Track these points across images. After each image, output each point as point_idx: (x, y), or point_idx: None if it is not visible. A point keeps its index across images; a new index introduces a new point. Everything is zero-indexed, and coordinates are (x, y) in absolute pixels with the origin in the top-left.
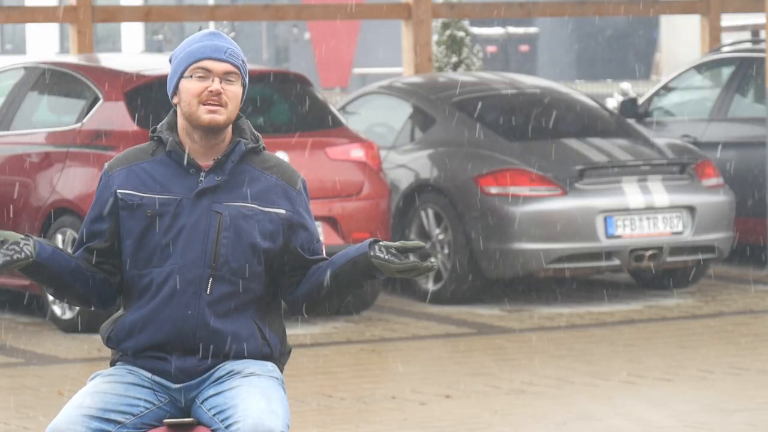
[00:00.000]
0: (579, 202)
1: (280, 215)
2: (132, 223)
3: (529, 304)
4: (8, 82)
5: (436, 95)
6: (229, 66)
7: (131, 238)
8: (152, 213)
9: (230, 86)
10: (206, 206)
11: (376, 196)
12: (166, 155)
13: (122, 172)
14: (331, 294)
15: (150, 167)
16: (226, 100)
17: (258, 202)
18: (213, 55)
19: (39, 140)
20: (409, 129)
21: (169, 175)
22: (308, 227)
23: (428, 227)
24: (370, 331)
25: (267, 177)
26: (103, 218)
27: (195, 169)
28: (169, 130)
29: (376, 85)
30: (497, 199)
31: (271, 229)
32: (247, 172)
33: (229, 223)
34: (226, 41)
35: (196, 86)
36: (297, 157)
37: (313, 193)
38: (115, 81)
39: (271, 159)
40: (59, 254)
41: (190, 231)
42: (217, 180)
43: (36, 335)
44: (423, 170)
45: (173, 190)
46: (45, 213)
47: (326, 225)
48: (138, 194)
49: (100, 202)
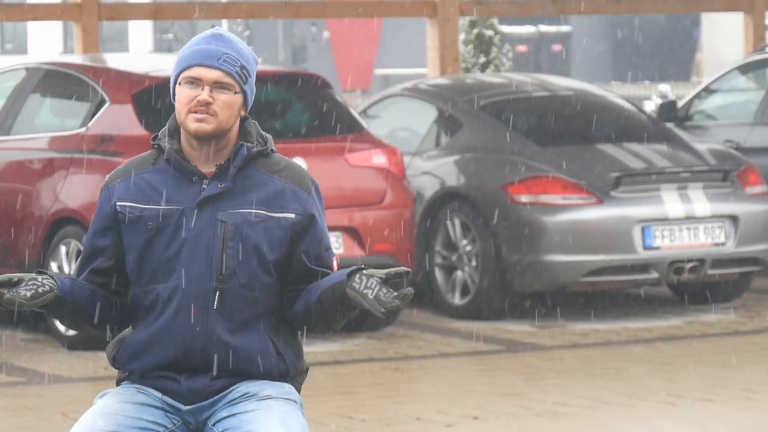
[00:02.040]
0: (615, 211)
1: (289, 220)
2: (133, 237)
3: (562, 319)
4: (9, 84)
5: (463, 98)
6: (221, 74)
7: (133, 253)
8: (154, 225)
9: (222, 95)
10: (210, 215)
11: (399, 205)
12: (167, 164)
13: (122, 184)
14: (320, 318)
15: (151, 177)
16: (216, 110)
17: (265, 208)
18: (204, 62)
19: (41, 146)
20: (434, 134)
21: (171, 184)
22: (317, 232)
23: (455, 238)
24: (393, 348)
25: (275, 181)
26: (105, 234)
27: (197, 176)
28: (169, 136)
29: (400, 87)
30: (528, 208)
31: (280, 236)
32: (253, 176)
33: (234, 231)
34: (226, 44)
35: (186, 94)
36: (315, 164)
37: (332, 202)
38: (122, 83)
39: (281, 162)
40: (77, 285)
41: (193, 243)
42: (220, 187)
43: (38, 352)
44: (449, 177)
45: (175, 201)
46: (48, 223)
47: (346, 236)
48: (138, 206)
49: (101, 216)
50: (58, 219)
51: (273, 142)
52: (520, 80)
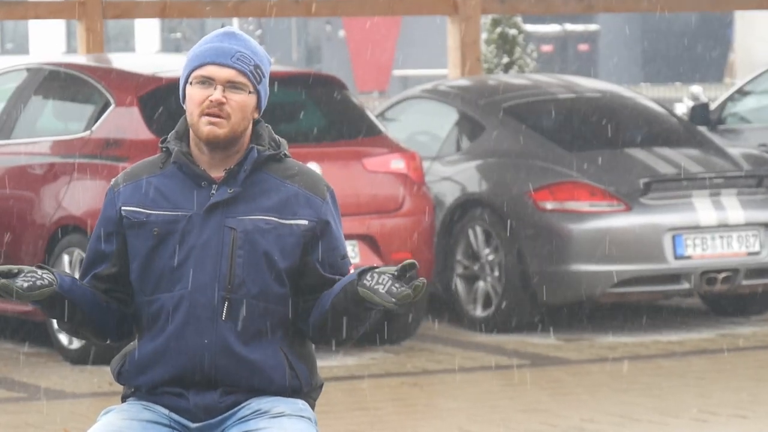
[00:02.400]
0: (644, 218)
1: (301, 227)
2: (138, 243)
3: (589, 332)
4: (9, 85)
5: (486, 100)
6: (234, 73)
7: (138, 260)
8: (159, 231)
9: (235, 95)
10: (218, 222)
11: (419, 212)
12: (176, 168)
13: (128, 188)
14: (334, 326)
15: (158, 181)
16: (229, 111)
17: (277, 214)
18: (216, 60)
19: (43, 150)
20: (455, 137)
21: (179, 189)
22: (332, 239)
23: (476, 247)
24: (412, 363)
25: (288, 186)
26: (109, 239)
27: (206, 181)
28: (177, 139)
29: (419, 88)
30: (553, 216)
31: (292, 244)
32: (264, 181)
33: (243, 239)
34: (239, 42)
35: (198, 94)
36: (330, 169)
37: (348, 209)
38: (127, 84)
39: (294, 167)
40: (77, 285)
41: (201, 250)
42: (229, 192)
43: (40, 367)
44: (470, 183)
45: (183, 206)
46: (50, 231)
47: (363, 244)
48: (144, 211)
49: (105, 220)
50: (60, 227)
51: (287, 147)
52: (545, 81)
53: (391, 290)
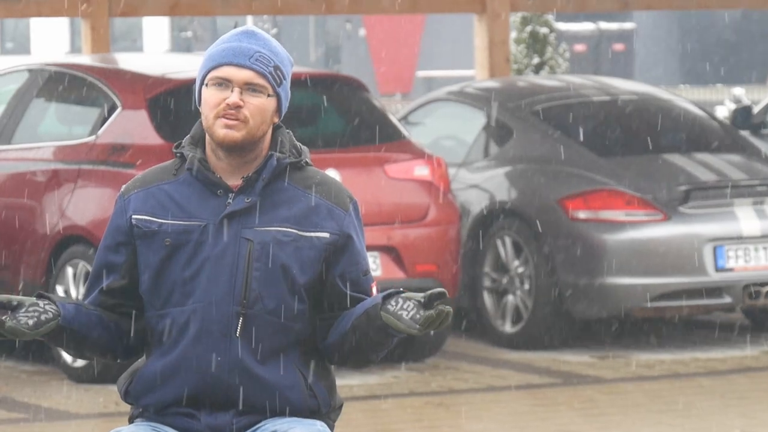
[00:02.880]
0: (684, 228)
1: (322, 239)
2: (149, 254)
3: (625, 349)
4: (9, 87)
5: (515, 103)
6: (252, 74)
7: (148, 272)
8: (171, 242)
9: (253, 98)
10: (234, 233)
11: (444, 222)
12: (190, 174)
13: (139, 195)
14: (354, 348)
15: (171, 189)
16: (247, 115)
17: (297, 226)
18: (234, 61)
19: (45, 156)
20: (482, 142)
21: (193, 197)
22: (354, 254)
23: (505, 258)
24: (437, 381)
25: (309, 196)
26: (118, 249)
27: (222, 189)
28: (192, 144)
29: (444, 90)
30: (587, 226)
31: (312, 257)
32: (284, 191)
33: (260, 251)
34: (258, 42)
35: (214, 97)
36: (350, 176)
37: (369, 219)
38: (135, 86)
39: (316, 176)
40: (81, 310)
41: (215, 262)
42: (246, 202)
43: (42, 386)
44: (499, 191)
45: (197, 215)
46: (53, 242)
47: (385, 256)
48: (155, 220)
49: (114, 229)
50: (64, 238)
51: (309, 154)
52: (578, 83)
53: (416, 317)
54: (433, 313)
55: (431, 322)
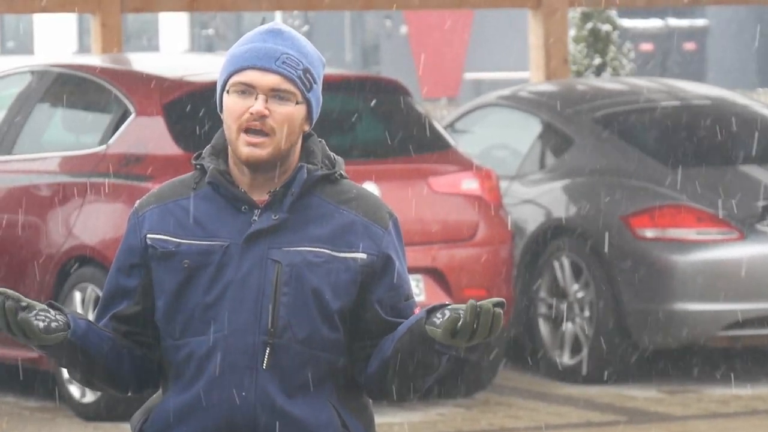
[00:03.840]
0: (762, 248)
1: (358, 261)
2: (165, 277)
3: (697, 383)
4: (10, 91)
5: (574, 108)
6: (279, 79)
7: (164, 298)
8: (190, 264)
9: (280, 106)
10: (260, 254)
11: (495, 242)
12: (212, 189)
13: (155, 212)
14: (398, 375)
15: (191, 205)
16: (273, 126)
17: (330, 246)
18: (258, 64)
19: (50, 168)
20: (537, 153)
21: (215, 214)
22: (394, 276)
23: (563, 282)
24: (487, 419)
25: (344, 213)
26: (131, 272)
27: (247, 205)
28: (213, 155)
29: (495, 95)
30: (654, 245)
31: (347, 281)
32: (316, 207)
33: (289, 274)
34: (285, 42)
35: (236, 106)
36: (390, 190)
37: (412, 238)
38: (150, 90)
39: (352, 190)
40: (93, 329)
41: (239, 286)
42: (274, 219)
43: (47, 424)
44: (556, 207)
45: (219, 234)
46: (59, 264)
47: (429, 279)
48: (172, 239)
49: (127, 250)
50: (71, 259)
51: (343, 166)
52: (645, 87)
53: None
54: (469, 316)
55: (473, 330)
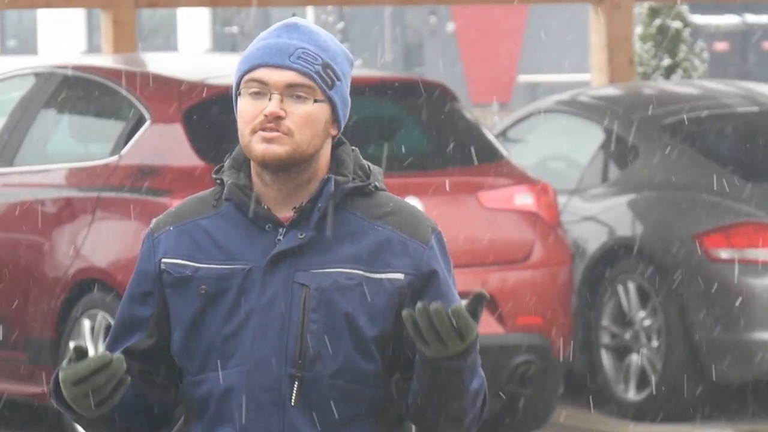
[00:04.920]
0: None
1: (396, 282)
2: (181, 305)
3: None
4: (12, 95)
5: (641, 115)
6: (293, 75)
7: (181, 328)
8: (207, 290)
9: (298, 105)
10: (285, 277)
11: (552, 263)
12: (232, 206)
13: (171, 234)
14: (427, 406)
15: (210, 225)
16: (290, 127)
17: (364, 266)
18: (270, 61)
19: (56, 181)
20: (600, 164)
21: (236, 234)
22: (438, 295)
23: (628, 308)
24: None
25: (379, 229)
26: (145, 300)
27: (271, 224)
28: (234, 168)
29: (553, 99)
30: (730, 267)
31: (384, 305)
32: (348, 223)
33: (318, 299)
34: (301, 36)
35: (249, 108)
36: (435, 206)
37: (459, 259)
38: (168, 94)
39: (389, 203)
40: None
41: (262, 314)
42: (300, 238)
43: None
44: (621, 225)
45: (240, 257)
46: (66, 288)
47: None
48: (190, 264)
49: (141, 276)
50: (79, 283)
51: (381, 176)
52: (720, 90)
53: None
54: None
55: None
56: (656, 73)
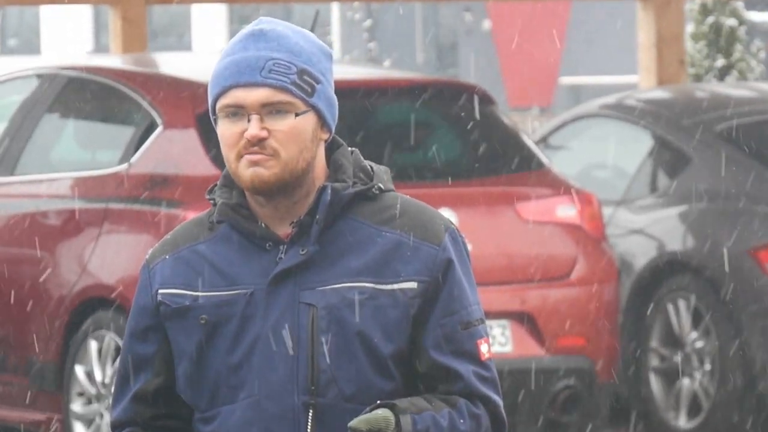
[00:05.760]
0: None
1: (408, 292)
2: (182, 338)
3: None
4: (12, 98)
5: (692, 120)
6: (270, 92)
7: (184, 364)
8: (208, 319)
9: (279, 121)
10: (290, 297)
11: (597, 280)
12: (229, 227)
13: (167, 262)
14: None
15: (207, 249)
16: (275, 147)
17: (373, 278)
18: (241, 80)
19: (61, 191)
20: (648, 173)
21: (235, 257)
22: (449, 299)
23: (678, 329)
24: None
25: (386, 234)
26: (146, 336)
27: (271, 242)
28: (226, 186)
29: (597, 103)
30: None
31: (398, 318)
32: (352, 232)
33: (328, 318)
34: (269, 44)
35: (229, 132)
36: (470, 218)
37: (495, 276)
38: (181, 97)
39: (395, 205)
40: None
41: (268, 340)
42: (302, 254)
43: None
44: (671, 239)
45: (240, 281)
46: (71, 308)
47: (517, 326)
48: (187, 293)
49: (140, 311)
50: (86, 301)
51: (388, 176)
52: None
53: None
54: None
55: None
56: (709, 75)
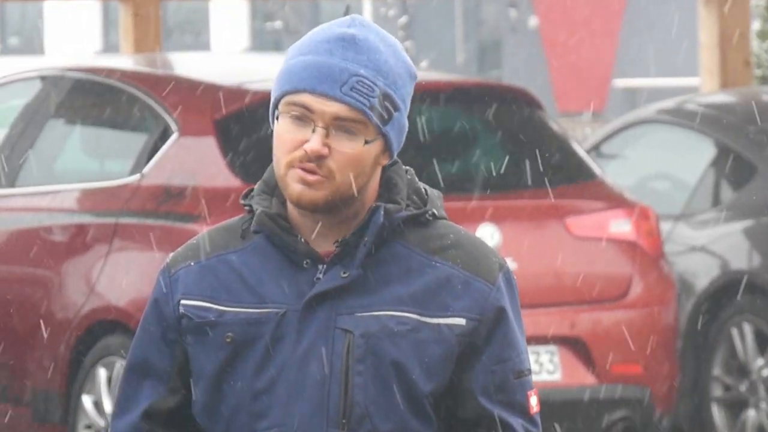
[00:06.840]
0: None
1: (455, 329)
2: (203, 356)
3: None
4: (14, 102)
5: (759, 126)
6: (346, 109)
7: (203, 384)
8: (235, 338)
9: (345, 143)
10: (326, 322)
11: (654, 302)
12: (263, 238)
13: (192, 270)
14: None
15: (239, 260)
16: (332, 168)
17: (418, 309)
18: (318, 89)
19: (67, 204)
20: (710, 184)
21: (268, 272)
22: (502, 346)
23: (744, 355)
24: None
25: (437, 265)
26: (161, 348)
27: (309, 259)
28: (265, 193)
29: (654, 108)
30: None
31: (440, 355)
32: (400, 258)
33: (365, 348)
34: (358, 56)
35: (289, 135)
36: (515, 234)
37: (543, 297)
38: (199, 101)
39: (449, 234)
40: None
41: (299, 366)
42: (343, 277)
43: None
44: (736, 256)
45: (272, 298)
46: (78, 332)
47: (566, 352)
48: (214, 307)
49: (156, 319)
50: (94, 325)
51: (441, 202)
52: None
53: None
54: None
55: None
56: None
